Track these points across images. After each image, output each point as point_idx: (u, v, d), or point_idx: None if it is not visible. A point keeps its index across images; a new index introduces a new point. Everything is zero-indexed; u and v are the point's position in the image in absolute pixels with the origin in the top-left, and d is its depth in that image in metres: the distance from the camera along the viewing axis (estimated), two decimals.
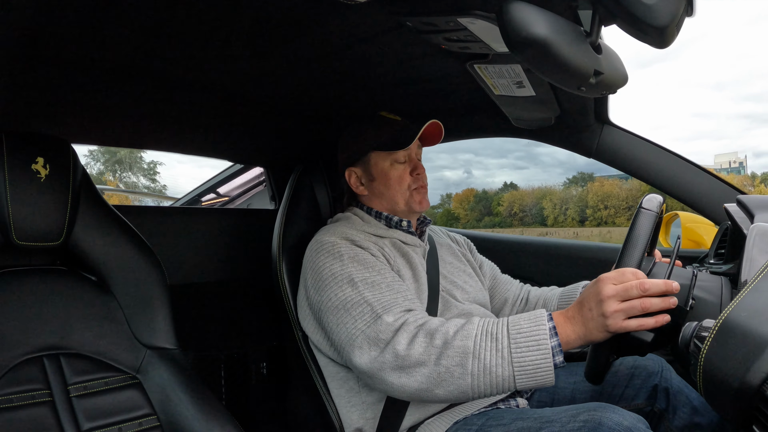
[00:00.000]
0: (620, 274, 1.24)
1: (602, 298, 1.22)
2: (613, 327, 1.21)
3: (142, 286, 1.56)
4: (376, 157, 1.77)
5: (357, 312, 1.45)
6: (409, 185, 1.76)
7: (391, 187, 1.76)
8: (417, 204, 1.76)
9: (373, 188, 1.80)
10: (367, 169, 1.80)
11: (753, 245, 1.26)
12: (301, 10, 1.21)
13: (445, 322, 1.38)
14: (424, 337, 1.34)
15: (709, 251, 1.93)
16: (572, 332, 1.26)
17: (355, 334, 1.43)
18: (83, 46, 1.32)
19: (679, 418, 1.61)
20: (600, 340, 1.25)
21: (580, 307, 1.28)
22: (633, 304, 1.19)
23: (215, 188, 3.44)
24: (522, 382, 1.26)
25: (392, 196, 1.77)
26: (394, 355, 1.35)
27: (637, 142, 2.13)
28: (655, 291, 1.19)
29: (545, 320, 1.28)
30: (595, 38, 1.00)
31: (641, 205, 1.33)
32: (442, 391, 1.31)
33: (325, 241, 1.62)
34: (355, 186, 1.82)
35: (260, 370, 2.66)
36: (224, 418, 1.45)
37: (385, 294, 1.48)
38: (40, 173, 1.37)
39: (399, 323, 1.39)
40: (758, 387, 0.83)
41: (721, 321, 0.93)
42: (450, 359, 1.29)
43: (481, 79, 1.61)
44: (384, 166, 1.76)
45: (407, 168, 1.77)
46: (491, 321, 1.34)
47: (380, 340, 1.38)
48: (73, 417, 1.35)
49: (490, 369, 1.26)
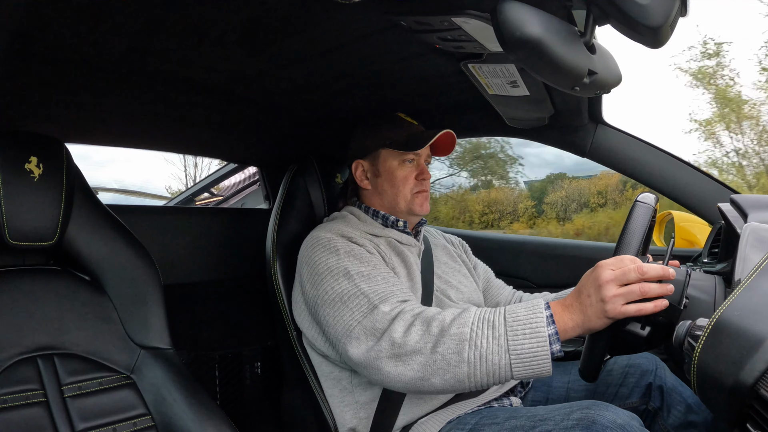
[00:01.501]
0: (618, 260, 1.24)
1: (601, 283, 1.22)
2: (612, 312, 1.20)
3: (136, 285, 1.56)
4: (386, 154, 1.78)
5: (354, 304, 1.45)
6: (412, 188, 1.77)
7: (395, 186, 1.77)
8: (418, 207, 1.77)
9: (377, 184, 1.80)
10: (374, 164, 1.80)
11: (746, 244, 1.27)
12: (296, 10, 1.20)
13: (442, 311, 1.37)
14: (420, 325, 1.34)
15: (703, 250, 1.94)
16: (570, 320, 1.26)
17: (351, 326, 1.43)
18: (76, 46, 1.31)
19: (673, 417, 1.62)
20: (598, 328, 1.24)
21: (578, 294, 1.28)
22: (632, 288, 1.19)
23: (209, 188, 3.44)
24: (519, 371, 1.25)
25: (394, 195, 1.77)
26: (390, 343, 1.34)
27: (631, 142, 2.13)
28: (653, 275, 1.19)
29: (542, 308, 1.28)
30: (589, 38, 1.00)
31: (637, 198, 1.34)
32: (439, 379, 1.30)
33: (321, 236, 1.62)
34: (360, 179, 1.83)
35: (254, 370, 2.66)
36: (218, 417, 1.45)
37: (381, 285, 1.48)
38: (33, 173, 1.37)
39: (395, 312, 1.39)
40: (752, 385, 0.83)
41: (714, 320, 0.93)
42: (446, 347, 1.29)
43: (476, 78, 1.61)
44: (392, 164, 1.77)
45: (414, 171, 1.78)
46: (488, 310, 1.34)
47: (377, 329, 1.38)
48: (68, 417, 1.35)
49: (486, 357, 1.26)
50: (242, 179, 3.37)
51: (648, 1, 0.86)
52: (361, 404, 1.60)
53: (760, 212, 1.48)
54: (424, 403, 1.58)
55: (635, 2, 0.86)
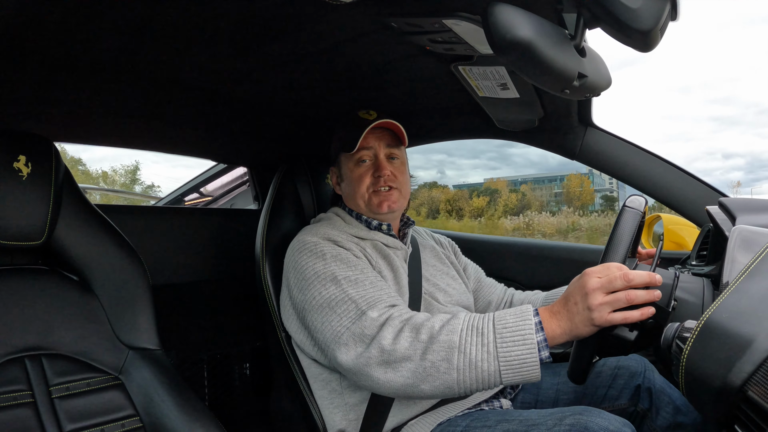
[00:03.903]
0: (605, 268, 1.24)
1: (587, 291, 1.22)
2: (599, 320, 1.21)
3: (125, 286, 1.55)
4: (344, 157, 1.78)
5: (342, 309, 1.45)
6: (369, 186, 1.73)
7: (352, 186, 1.75)
8: (376, 205, 1.73)
9: (343, 188, 1.81)
10: (340, 169, 1.81)
11: (734, 247, 1.27)
12: (286, 10, 1.20)
13: (431, 317, 1.37)
14: (409, 331, 1.34)
15: (691, 253, 1.94)
16: (558, 327, 1.26)
17: (340, 332, 1.42)
18: (66, 45, 1.31)
19: (662, 418, 1.62)
20: (586, 335, 1.25)
21: (565, 301, 1.28)
22: (618, 296, 1.20)
23: (198, 188, 3.42)
24: (508, 377, 1.26)
25: (353, 196, 1.76)
26: (379, 350, 1.34)
27: (621, 145, 2.14)
28: (639, 282, 1.19)
29: (531, 315, 1.28)
30: (579, 41, 1.01)
31: (625, 203, 1.34)
32: (428, 386, 1.30)
33: (307, 241, 1.61)
34: (335, 185, 1.84)
35: (243, 371, 2.65)
36: (207, 418, 1.44)
37: (368, 290, 1.48)
38: (21, 171, 1.36)
39: (384, 318, 1.39)
40: (740, 387, 0.83)
41: (702, 322, 0.94)
42: (436, 354, 1.29)
43: (466, 80, 1.61)
44: (349, 166, 1.76)
45: (370, 169, 1.74)
46: (477, 316, 1.34)
47: (365, 335, 1.38)
48: (56, 418, 1.34)
49: (475, 364, 1.26)
50: (231, 179, 3.35)
51: (638, 5, 0.87)
52: (350, 406, 1.60)
53: (748, 215, 1.49)
54: (414, 405, 1.57)
55: (625, 6, 0.87)
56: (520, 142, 2.34)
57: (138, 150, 2.30)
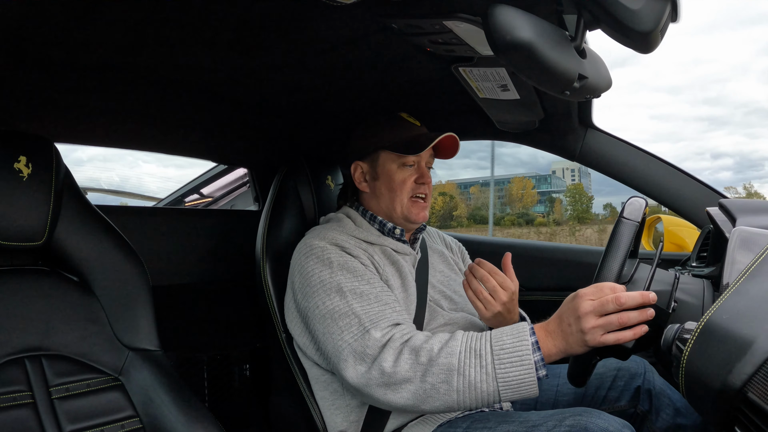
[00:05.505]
0: (598, 289, 1.26)
1: (580, 314, 1.24)
2: (592, 342, 1.23)
3: (125, 287, 1.55)
4: (385, 156, 1.73)
5: (344, 323, 1.45)
6: (410, 193, 1.72)
7: (392, 189, 1.71)
8: (414, 214, 1.72)
9: (375, 187, 1.76)
10: (373, 167, 1.75)
11: (734, 248, 1.27)
12: (287, 11, 1.20)
13: (430, 338, 1.38)
14: (409, 354, 1.35)
15: (692, 254, 1.94)
16: (553, 347, 1.29)
17: (341, 347, 1.43)
18: (67, 46, 1.31)
19: (662, 420, 1.62)
20: (580, 353, 1.28)
21: (559, 321, 1.30)
22: (610, 319, 1.21)
23: (198, 189, 3.42)
24: (507, 396, 1.29)
25: (391, 200, 1.72)
26: (380, 373, 1.36)
27: (621, 146, 2.14)
28: (631, 304, 1.21)
29: (527, 335, 1.29)
30: (579, 42, 1.00)
31: (622, 213, 1.34)
32: (428, 406, 1.33)
33: (314, 245, 1.60)
34: (359, 181, 1.78)
35: (243, 372, 2.65)
36: (207, 419, 1.44)
37: (373, 306, 1.48)
38: (22, 172, 1.36)
39: (385, 339, 1.40)
40: (740, 388, 0.83)
41: (703, 323, 0.94)
42: (435, 376, 1.31)
43: (466, 81, 1.61)
44: (391, 167, 1.72)
45: (414, 175, 1.72)
46: (475, 336, 1.35)
47: (367, 355, 1.39)
48: (55, 419, 1.34)
49: (475, 385, 1.28)
50: (231, 180, 3.35)
51: (639, 6, 0.86)
52: (352, 407, 1.59)
53: (748, 216, 1.48)
54: None
55: (626, 7, 0.87)
56: (521, 144, 2.33)
57: (138, 151, 2.30)
